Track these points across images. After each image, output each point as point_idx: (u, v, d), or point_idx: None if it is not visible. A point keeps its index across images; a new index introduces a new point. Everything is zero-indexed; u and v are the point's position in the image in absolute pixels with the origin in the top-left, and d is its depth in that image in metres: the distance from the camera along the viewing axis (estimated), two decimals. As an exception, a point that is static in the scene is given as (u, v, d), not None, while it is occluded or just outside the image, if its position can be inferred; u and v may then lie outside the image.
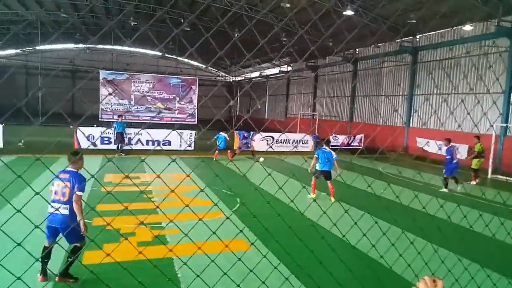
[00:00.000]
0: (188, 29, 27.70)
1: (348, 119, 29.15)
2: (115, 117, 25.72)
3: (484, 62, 18.43)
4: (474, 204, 9.15)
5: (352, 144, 22.93)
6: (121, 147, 17.75)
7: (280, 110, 41.56)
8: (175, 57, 43.44)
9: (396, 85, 24.47)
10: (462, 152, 18.01)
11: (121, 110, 31.01)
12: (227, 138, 17.25)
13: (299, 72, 36.42)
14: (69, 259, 5.09)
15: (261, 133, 21.63)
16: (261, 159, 17.40)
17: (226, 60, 36.75)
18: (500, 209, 9.78)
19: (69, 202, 4.92)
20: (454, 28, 19.64)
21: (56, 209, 4.86)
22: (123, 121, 18.72)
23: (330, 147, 14.84)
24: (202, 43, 2.34)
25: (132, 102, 32.65)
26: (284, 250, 3.19)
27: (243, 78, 49.98)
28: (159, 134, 19.38)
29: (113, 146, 17.97)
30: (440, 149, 15.10)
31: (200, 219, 2.16)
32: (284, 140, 21.89)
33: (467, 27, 18.35)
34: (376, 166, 17.55)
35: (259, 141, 20.32)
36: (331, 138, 23.01)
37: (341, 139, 22.97)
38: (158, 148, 18.82)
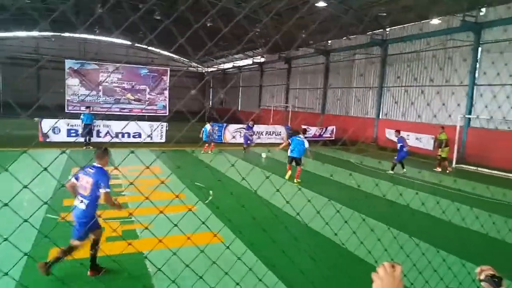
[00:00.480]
0: (158, 17, 27.06)
1: (321, 111, 29.55)
2: (82, 108, 24.94)
3: (454, 55, 19.04)
4: (437, 192, 9.53)
5: (324, 135, 23.30)
6: (89, 139, 17.25)
7: (253, 101, 41.57)
8: (146, 46, 42.47)
9: (367, 77, 24.96)
10: (426, 142, 18.75)
11: (88, 101, 30.03)
12: (209, 130, 17.04)
13: (272, 63, 36.46)
14: (60, 257, 4.77)
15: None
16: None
17: (187, 48, 35.93)
18: (465, 197, 10.26)
19: (88, 197, 4.93)
20: (422, 22, 20.17)
21: (79, 202, 4.95)
22: (91, 112, 18.19)
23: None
24: (173, 33, 2.29)
25: (101, 93, 31.68)
26: (249, 240, 3.22)
27: (216, 69, 49.53)
28: (129, 126, 18.97)
29: (81, 139, 17.44)
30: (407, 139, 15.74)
31: (161, 212, 2.16)
32: (257, 132, 21.94)
33: (435, 21, 18.90)
34: (346, 157, 17.95)
35: (232, 133, 20.29)
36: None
37: (313, 130, 23.27)
38: (130, 140, 18.45)
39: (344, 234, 3.19)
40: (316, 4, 17.83)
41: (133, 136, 18.69)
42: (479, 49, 17.62)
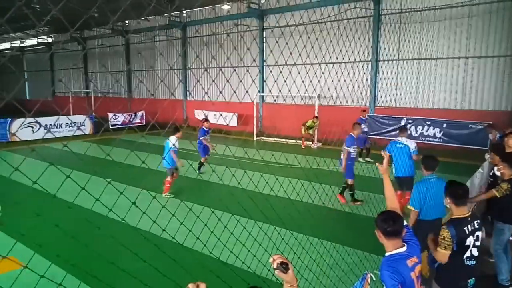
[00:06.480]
0: None
1: (127, 96, 28.18)
2: None
3: (250, 38, 20.94)
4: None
5: (134, 121, 22.34)
6: None
7: (45, 88, 36.08)
8: None
9: (170, 59, 25.05)
10: (230, 119, 20.54)
11: None
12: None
13: (64, 44, 32.15)
14: None
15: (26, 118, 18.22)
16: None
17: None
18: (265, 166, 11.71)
19: None
20: (215, 6, 21.36)
21: None
22: None
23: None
24: None
25: None
26: (53, 252, 2.83)
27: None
28: None
29: None
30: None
31: None
32: (56, 124, 19.20)
33: (225, 7, 20.34)
34: (158, 141, 17.79)
35: (21, 130, 17.18)
36: (110, 117, 21.72)
37: (121, 118, 22.03)
38: None
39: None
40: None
41: None
42: (264, 33, 20.07)
